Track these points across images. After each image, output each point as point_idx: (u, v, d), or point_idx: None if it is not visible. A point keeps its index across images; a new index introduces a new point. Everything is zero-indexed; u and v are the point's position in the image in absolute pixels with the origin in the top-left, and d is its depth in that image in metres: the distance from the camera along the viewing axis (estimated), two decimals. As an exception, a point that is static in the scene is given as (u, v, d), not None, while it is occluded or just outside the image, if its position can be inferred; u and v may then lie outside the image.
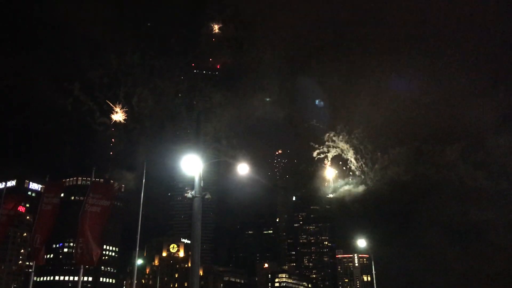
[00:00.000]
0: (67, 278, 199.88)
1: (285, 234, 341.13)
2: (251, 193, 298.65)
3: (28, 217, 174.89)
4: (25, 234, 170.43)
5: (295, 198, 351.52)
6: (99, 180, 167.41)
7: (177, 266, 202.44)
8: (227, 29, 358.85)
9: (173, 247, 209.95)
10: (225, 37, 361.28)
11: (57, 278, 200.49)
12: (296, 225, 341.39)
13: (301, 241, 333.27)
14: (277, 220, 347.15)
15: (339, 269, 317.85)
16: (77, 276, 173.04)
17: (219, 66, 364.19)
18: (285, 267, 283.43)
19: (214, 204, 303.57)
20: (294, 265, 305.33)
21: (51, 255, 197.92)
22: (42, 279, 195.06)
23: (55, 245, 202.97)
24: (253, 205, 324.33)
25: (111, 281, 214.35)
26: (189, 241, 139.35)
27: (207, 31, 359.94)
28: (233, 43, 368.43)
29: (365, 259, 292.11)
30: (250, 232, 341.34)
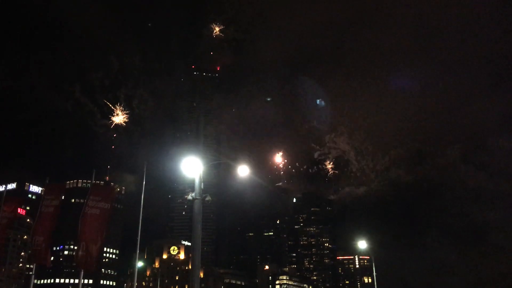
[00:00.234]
0: (67, 280, 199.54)
1: (285, 235, 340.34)
2: (251, 194, 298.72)
3: (28, 220, 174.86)
4: (25, 236, 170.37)
5: (295, 199, 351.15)
6: (100, 182, 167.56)
7: (178, 268, 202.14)
8: (227, 31, 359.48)
9: (174, 249, 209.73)
10: (226, 39, 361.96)
11: (58, 280, 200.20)
12: (296, 226, 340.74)
13: (302, 242, 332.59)
14: (278, 221, 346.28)
15: (340, 271, 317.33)
16: (77, 278, 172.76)
17: (220, 68, 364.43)
18: (285, 269, 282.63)
19: (214, 206, 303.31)
20: (294, 267, 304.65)
21: (52, 258, 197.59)
22: (42, 281, 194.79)
23: (56, 248, 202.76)
24: (254, 206, 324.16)
25: (111, 283, 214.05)
26: (190, 243, 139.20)
27: (208, 34, 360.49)
28: (234, 45, 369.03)
29: (366, 261, 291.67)
30: (250, 234, 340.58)
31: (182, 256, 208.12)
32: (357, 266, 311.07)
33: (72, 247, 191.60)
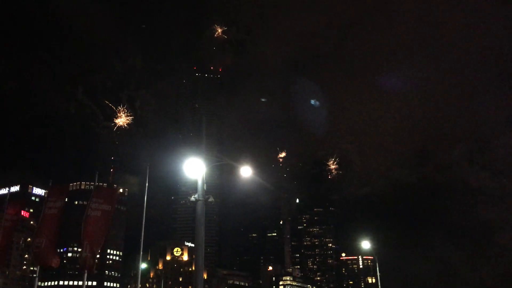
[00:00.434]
0: (71, 283, 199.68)
1: (289, 236, 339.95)
2: (254, 195, 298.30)
3: (32, 222, 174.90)
4: (29, 239, 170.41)
5: (298, 200, 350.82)
6: (103, 184, 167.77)
7: (181, 269, 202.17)
8: (229, 32, 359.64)
9: (177, 251, 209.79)
10: (228, 40, 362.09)
11: (61, 283, 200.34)
12: (300, 227, 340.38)
13: (305, 243, 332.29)
14: (281, 222, 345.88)
15: (344, 271, 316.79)
16: (81, 280, 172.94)
17: (222, 69, 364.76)
18: (289, 269, 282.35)
19: (217, 207, 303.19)
20: (298, 268, 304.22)
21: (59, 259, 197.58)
22: (46, 283, 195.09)
23: (59, 250, 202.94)
24: (257, 207, 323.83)
25: (115, 285, 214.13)
26: (193, 245, 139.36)
27: (210, 35, 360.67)
28: (235, 46, 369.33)
29: (369, 261, 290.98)
30: (254, 234, 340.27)
31: (185, 257, 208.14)
32: (361, 266, 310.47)
33: (75, 249, 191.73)
